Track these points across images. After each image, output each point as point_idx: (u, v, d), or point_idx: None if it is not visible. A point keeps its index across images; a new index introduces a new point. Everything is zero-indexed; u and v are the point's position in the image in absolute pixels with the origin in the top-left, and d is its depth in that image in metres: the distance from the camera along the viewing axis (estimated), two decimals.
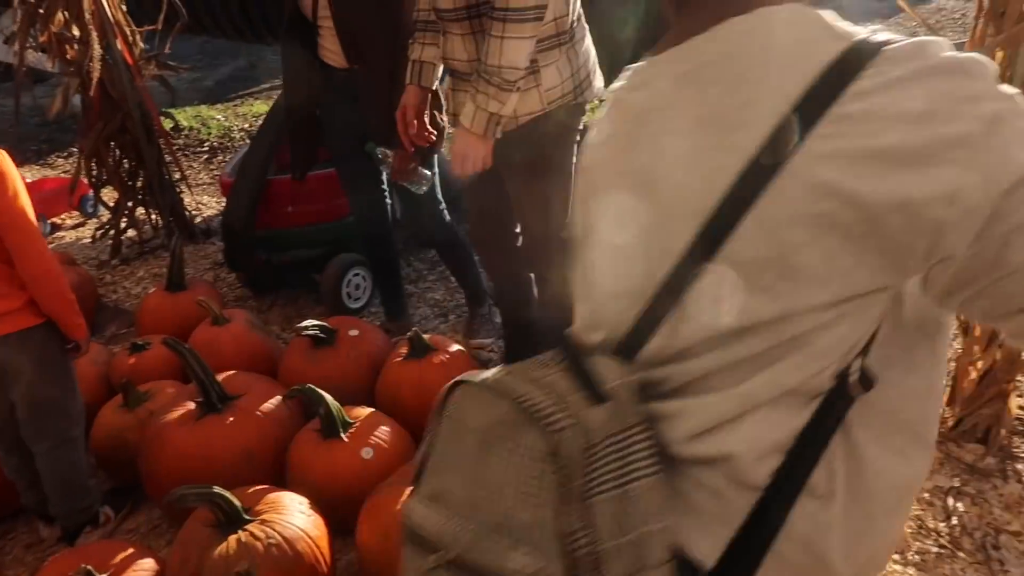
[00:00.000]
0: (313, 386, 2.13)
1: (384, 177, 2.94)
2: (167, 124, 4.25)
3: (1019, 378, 2.41)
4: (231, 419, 2.19)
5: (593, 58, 2.23)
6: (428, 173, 2.57)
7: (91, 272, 3.93)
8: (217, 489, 1.79)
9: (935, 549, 1.94)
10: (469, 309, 3.16)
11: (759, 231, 0.68)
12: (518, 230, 2.49)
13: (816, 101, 0.66)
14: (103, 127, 3.75)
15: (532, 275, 2.56)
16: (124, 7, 3.70)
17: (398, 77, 2.37)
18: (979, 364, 2.08)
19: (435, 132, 2.38)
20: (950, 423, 2.23)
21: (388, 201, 2.98)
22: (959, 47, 0.67)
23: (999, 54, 1.78)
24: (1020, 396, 2.47)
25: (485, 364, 2.90)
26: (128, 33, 3.71)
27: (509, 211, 2.43)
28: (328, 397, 2.13)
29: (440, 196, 2.83)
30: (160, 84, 3.96)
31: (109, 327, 3.42)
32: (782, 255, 0.68)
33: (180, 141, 6.18)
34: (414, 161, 2.52)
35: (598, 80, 2.25)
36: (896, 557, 1.93)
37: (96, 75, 3.50)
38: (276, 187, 3.26)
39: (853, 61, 0.66)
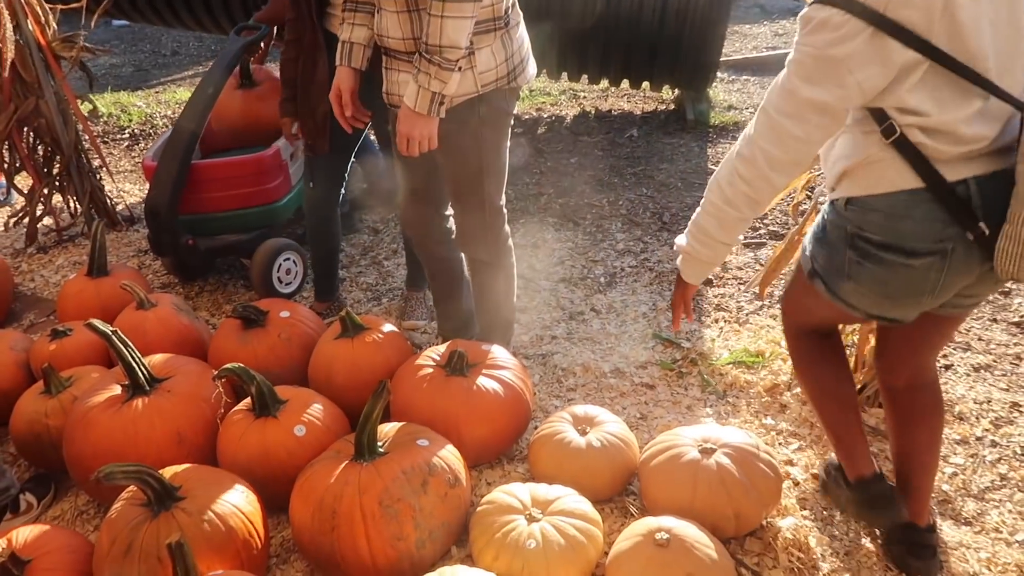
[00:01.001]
0: (242, 365, 2.13)
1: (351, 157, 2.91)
2: (85, 108, 4.10)
3: None
4: (160, 401, 2.16)
5: (527, 44, 2.28)
6: None
7: (8, 260, 3.78)
8: (146, 467, 1.78)
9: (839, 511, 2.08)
10: (406, 290, 3.19)
11: None
12: (449, 212, 2.53)
13: None
14: (14, 111, 3.61)
15: (463, 256, 2.60)
16: None
17: None
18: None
19: (369, 113, 2.39)
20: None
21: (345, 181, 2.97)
22: None
23: None
24: None
25: (418, 345, 2.93)
26: (40, 13, 3.57)
27: (440, 192, 2.47)
28: (259, 375, 2.13)
29: None
30: (78, 68, 3.82)
31: (27, 315, 3.30)
32: None
33: (99, 128, 5.97)
34: None
35: (531, 66, 2.30)
36: (803, 514, 2.06)
37: (8, 56, 3.37)
38: (201, 171, 3.21)
39: None
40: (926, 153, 1.44)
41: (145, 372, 2.20)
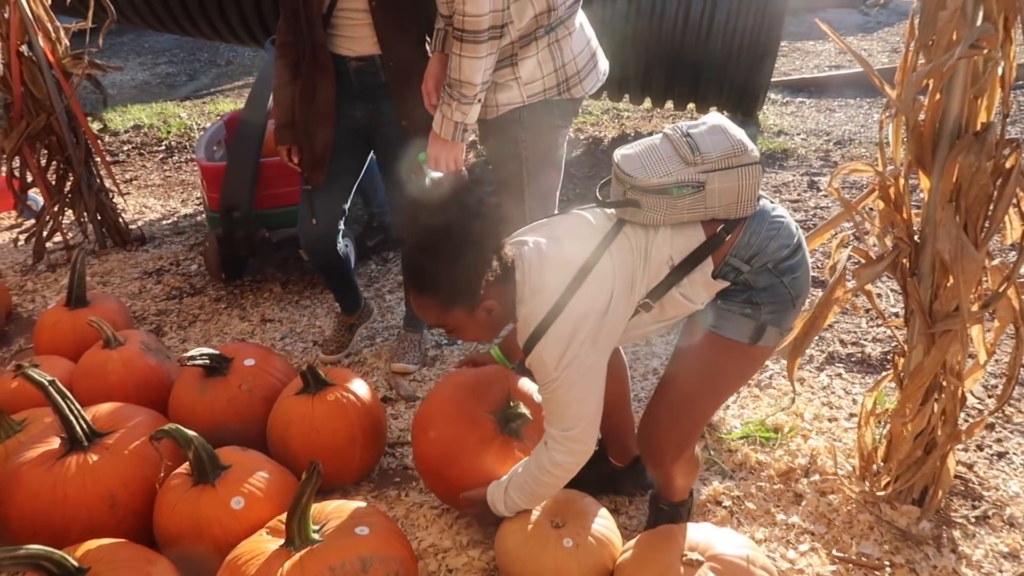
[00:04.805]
0: (180, 426, 1.94)
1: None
2: (95, 126, 4.04)
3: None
4: (94, 458, 1.99)
5: (588, 53, 2.23)
6: None
7: (15, 277, 3.74)
8: (38, 548, 1.59)
9: None
10: (403, 330, 2.97)
11: None
12: None
13: None
14: (25, 127, 3.55)
15: None
16: (47, 1, 3.50)
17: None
18: (910, 426, 1.87)
19: None
20: (884, 482, 2.04)
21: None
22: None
23: (929, 83, 1.59)
24: (964, 451, 2.28)
25: (410, 397, 2.70)
26: (51, 30, 3.51)
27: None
28: (197, 438, 1.93)
29: None
30: (91, 84, 3.76)
31: (17, 340, 3.21)
32: None
33: (138, 139, 5.98)
34: None
35: (592, 77, 2.24)
36: None
37: (15, 72, 3.31)
38: (269, 168, 3.20)
39: None
40: None
41: (84, 426, 2.04)
